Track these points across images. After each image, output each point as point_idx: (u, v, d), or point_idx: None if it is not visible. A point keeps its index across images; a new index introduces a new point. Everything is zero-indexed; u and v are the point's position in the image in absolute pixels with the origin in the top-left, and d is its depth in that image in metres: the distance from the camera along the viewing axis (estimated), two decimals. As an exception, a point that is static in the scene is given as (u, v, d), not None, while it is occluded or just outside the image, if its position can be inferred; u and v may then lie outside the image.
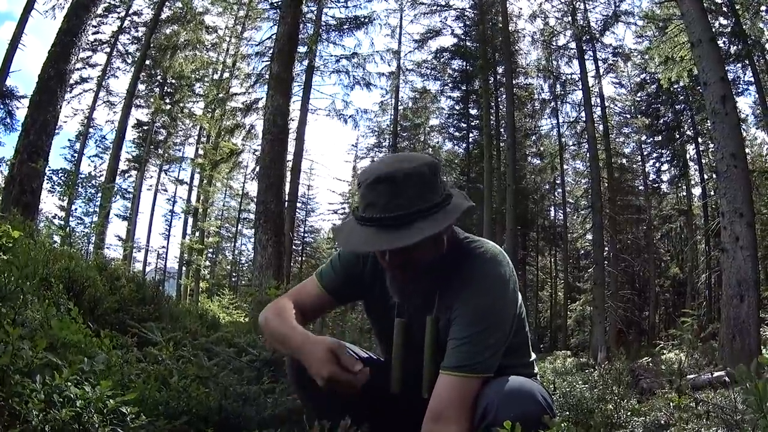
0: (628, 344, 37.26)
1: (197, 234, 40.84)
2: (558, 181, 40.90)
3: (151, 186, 42.80)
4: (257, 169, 19.48)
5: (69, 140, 37.52)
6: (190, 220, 43.00)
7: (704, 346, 22.01)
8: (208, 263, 45.81)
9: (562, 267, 43.17)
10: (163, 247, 46.51)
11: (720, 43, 12.16)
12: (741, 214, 9.70)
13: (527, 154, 40.29)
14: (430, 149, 43.01)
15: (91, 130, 36.18)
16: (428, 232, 2.06)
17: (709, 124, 32.94)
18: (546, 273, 49.02)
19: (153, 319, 5.53)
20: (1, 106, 20.89)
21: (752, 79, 26.09)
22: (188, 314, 6.69)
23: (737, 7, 20.65)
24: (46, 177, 12.87)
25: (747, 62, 24.50)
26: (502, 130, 35.04)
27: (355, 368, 2.14)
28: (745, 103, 30.90)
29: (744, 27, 21.22)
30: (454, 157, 43.05)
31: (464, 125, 41.07)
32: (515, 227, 31.52)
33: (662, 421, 4.58)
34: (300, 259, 48.94)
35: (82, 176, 15.65)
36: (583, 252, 45.27)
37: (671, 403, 5.17)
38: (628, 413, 4.62)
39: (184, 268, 40.82)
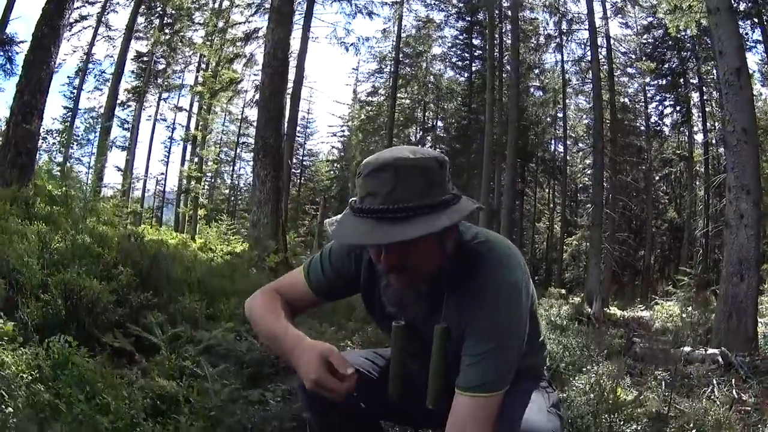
0: (622, 286, 37.76)
1: (195, 162, 40.77)
2: (560, 115, 40.71)
3: (150, 116, 43.00)
4: (256, 99, 19.21)
5: (68, 77, 37.39)
6: (189, 148, 43.12)
7: (699, 297, 22.10)
8: (206, 188, 45.86)
9: (560, 200, 43.23)
10: (162, 173, 46.83)
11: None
12: (748, 191, 9.39)
13: (529, 86, 40.09)
14: (432, 77, 42.85)
15: (90, 65, 36.22)
16: (431, 229, 1.88)
17: (717, 95, 33.72)
18: (544, 204, 49.33)
19: (152, 307, 5.32)
20: (1, 53, 20.44)
21: (761, 38, 25.86)
22: (188, 287, 6.32)
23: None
24: (41, 137, 12.80)
25: (756, 20, 24.14)
26: (505, 61, 34.75)
27: (346, 371, 2.02)
28: (752, 60, 30.54)
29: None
30: (455, 86, 42.86)
31: (467, 55, 41.12)
32: (515, 161, 31.41)
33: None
34: (299, 182, 48.83)
35: (84, 120, 15.83)
36: (581, 186, 45.31)
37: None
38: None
39: (182, 196, 40.85)
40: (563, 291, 27.54)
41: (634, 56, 36.44)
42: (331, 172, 53.05)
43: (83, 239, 6.19)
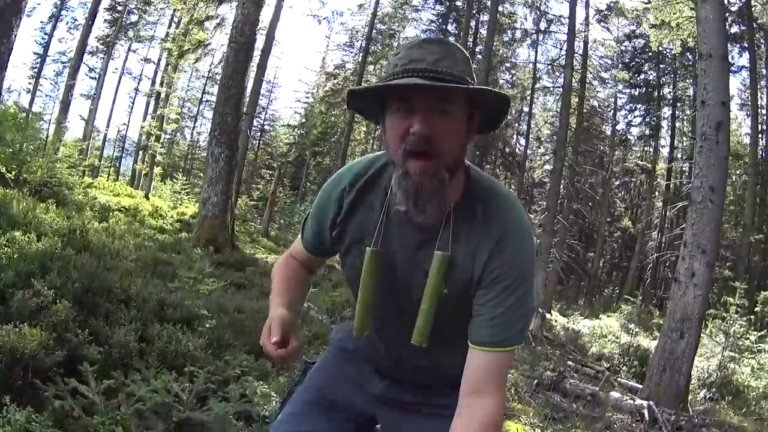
0: (567, 288, 38.18)
1: (157, 119, 40.20)
2: (526, 109, 40.73)
3: (116, 69, 43.48)
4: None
5: (41, 22, 36.79)
6: (152, 104, 42.90)
7: (643, 310, 22.27)
8: (165, 144, 45.43)
9: (516, 193, 43.35)
10: (125, 123, 46.77)
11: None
12: (704, 251, 9.26)
13: (498, 80, 39.87)
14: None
15: (63, 12, 36.37)
16: (476, 87, 1.84)
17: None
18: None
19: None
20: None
21: (747, 65, 26.00)
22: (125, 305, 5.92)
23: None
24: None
25: (746, 44, 24.19)
26: (477, 51, 34.52)
27: (272, 339, 2.01)
28: (734, 85, 30.92)
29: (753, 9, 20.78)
30: None
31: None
32: (475, 153, 31.24)
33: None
34: (257, 145, 48.43)
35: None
36: (537, 181, 45.53)
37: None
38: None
39: (140, 153, 40.29)
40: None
41: (610, 62, 36.53)
42: (291, 138, 52.72)
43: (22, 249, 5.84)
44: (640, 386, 10.90)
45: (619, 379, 11.83)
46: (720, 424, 8.98)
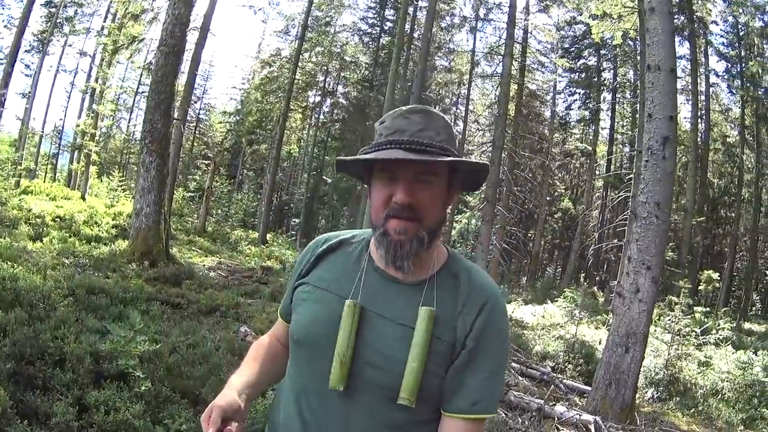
0: (509, 270, 38.51)
1: (91, 116, 39.26)
2: (464, 92, 40.85)
3: (51, 66, 43.53)
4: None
5: None
6: (87, 100, 42.32)
7: (587, 293, 22.51)
8: (101, 139, 44.09)
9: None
10: (61, 119, 46.00)
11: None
12: (649, 267, 9.21)
13: (436, 65, 39.85)
14: (338, 46, 42.58)
15: None
16: (458, 159, 1.88)
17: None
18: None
19: (54, 363, 5.40)
20: None
21: (688, 54, 26.44)
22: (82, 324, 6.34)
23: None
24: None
25: (686, 34, 24.57)
26: (415, 36, 34.44)
27: (209, 430, 1.82)
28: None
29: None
30: (361, 55, 43.00)
31: (377, 28, 40.71)
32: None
33: None
34: (192, 135, 47.83)
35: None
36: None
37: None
38: None
39: (76, 153, 39.27)
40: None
41: (550, 47, 36.78)
42: (227, 125, 52.27)
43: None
44: (586, 388, 10.94)
45: (564, 381, 11.81)
46: (668, 435, 9.03)
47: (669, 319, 13.51)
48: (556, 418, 8.86)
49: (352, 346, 1.92)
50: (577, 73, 39.38)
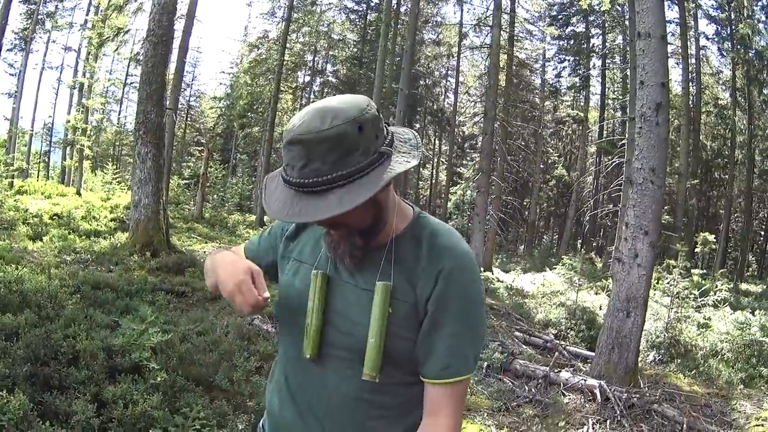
0: (507, 240, 38.62)
1: (81, 111, 38.78)
2: (453, 63, 40.73)
3: (36, 64, 43.10)
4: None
5: None
6: (76, 95, 41.71)
7: (585, 259, 22.57)
8: (93, 133, 43.60)
9: (447, 150, 43.48)
10: (50, 116, 45.70)
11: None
12: (646, 232, 9.28)
13: (423, 39, 39.71)
14: (325, 25, 42.25)
15: None
16: (345, 206, 1.72)
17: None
18: (429, 150, 49.31)
19: (68, 363, 5.42)
20: None
21: (677, 18, 26.44)
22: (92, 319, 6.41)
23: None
24: None
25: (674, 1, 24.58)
26: (403, 11, 34.29)
27: (263, 293, 1.87)
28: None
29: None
30: (348, 33, 42.76)
31: (364, 5, 40.56)
32: (406, 108, 31.11)
33: None
34: (184, 123, 47.68)
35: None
36: (468, 134, 45.75)
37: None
38: None
39: (68, 149, 39.06)
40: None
41: (538, 15, 36.71)
42: (217, 111, 52.08)
43: None
44: (590, 353, 11.07)
45: (568, 347, 11.93)
46: (671, 396, 9.10)
47: (668, 283, 13.57)
48: (561, 384, 8.98)
49: (319, 315, 1.97)
50: (566, 41, 39.37)
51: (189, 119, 50.42)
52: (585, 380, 8.95)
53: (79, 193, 26.04)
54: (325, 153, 1.73)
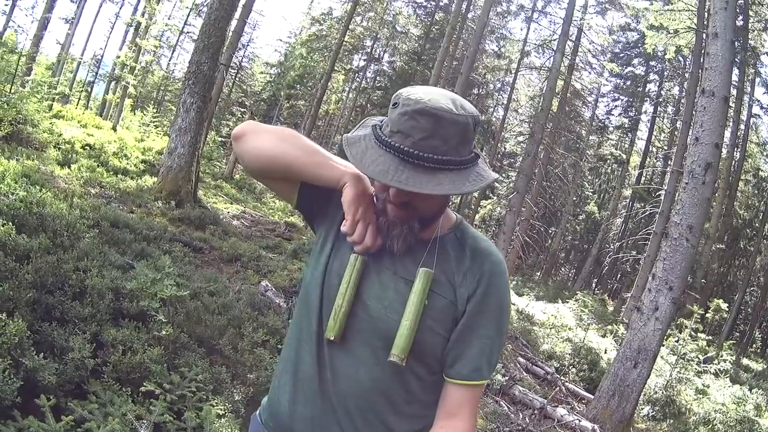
0: (525, 264, 38.50)
1: (133, 50, 38.94)
2: (509, 79, 40.65)
3: None
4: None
5: None
6: (131, 33, 41.54)
7: (598, 300, 22.37)
8: (138, 76, 43.66)
9: (488, 161, 43.54)
10: (101, 48, 45.81)
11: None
12: (671, 287, 9.23)
13: (485, 49, 39.62)
14: (392, 14, 42.25)
15: None
16: (453, 191, 1.81)
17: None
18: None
19: (74, 296, 5.34)
20: None
21: (736, 81, 26.30)
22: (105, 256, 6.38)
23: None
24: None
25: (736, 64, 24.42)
26: (469, 17, 34.20)
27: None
28: None
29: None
30: (412, 27, 42.75)
31: (433, 3, 40.53)
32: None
33: None
34: (232, 81, 47.74)
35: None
36: (509, 151, 45.73)
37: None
38: None
39: (112, 84, 39.25)
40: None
41: (600, 48, 36.48)
42: (267, 76, 52.10)
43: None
44: (587, 394, 11.14)
45: (567, 383, 11.88)
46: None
47: (676, 341, 13.49)
48: (556, 420, 8.96)
49: (349, 298, 1.94)
50: (623, 80, 39.27)
51: (238, 79, 50.42)
52: (580, 421, 9.00)
53: (114, 129, 26.05)
54: (451, 135, 1.78)
